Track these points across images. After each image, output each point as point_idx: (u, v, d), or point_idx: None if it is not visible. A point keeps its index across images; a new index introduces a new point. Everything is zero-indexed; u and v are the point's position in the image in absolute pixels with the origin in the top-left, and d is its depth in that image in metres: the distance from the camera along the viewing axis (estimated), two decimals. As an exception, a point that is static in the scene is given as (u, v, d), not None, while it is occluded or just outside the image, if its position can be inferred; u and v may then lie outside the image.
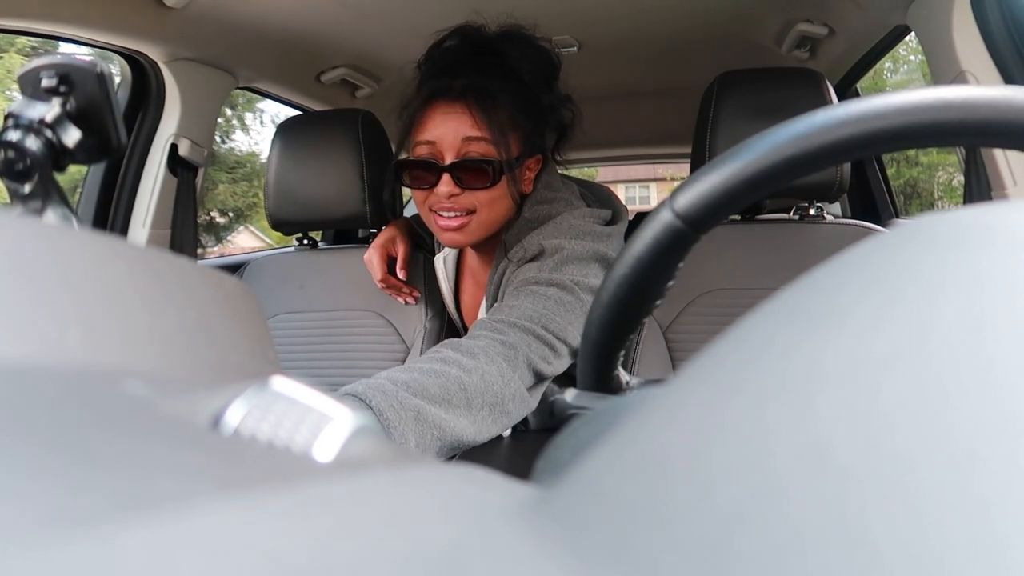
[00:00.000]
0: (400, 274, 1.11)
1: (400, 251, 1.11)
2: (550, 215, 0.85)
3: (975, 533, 0.07)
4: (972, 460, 0.08)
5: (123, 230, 1.34)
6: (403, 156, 0.88)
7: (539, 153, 0.89)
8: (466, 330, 1.08)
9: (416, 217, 1.10)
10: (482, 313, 0.93)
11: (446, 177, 0.81)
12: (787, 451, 0.09)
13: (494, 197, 0.83)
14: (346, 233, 2.12)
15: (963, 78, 1.04)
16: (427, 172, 0.83)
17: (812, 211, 1.09)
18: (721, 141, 1.01)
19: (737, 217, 1.13)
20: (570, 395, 0.37)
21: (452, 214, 0.83)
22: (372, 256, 1.10)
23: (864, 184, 1.80)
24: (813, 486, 0.08)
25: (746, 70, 1.06)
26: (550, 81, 0.89)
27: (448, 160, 0.82)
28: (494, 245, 0.89)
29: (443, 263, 1.06)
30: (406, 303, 1.15)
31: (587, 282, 0.79)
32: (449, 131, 0.81)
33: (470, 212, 0.83)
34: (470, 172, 0.82)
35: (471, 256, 1.02)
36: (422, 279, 1.17)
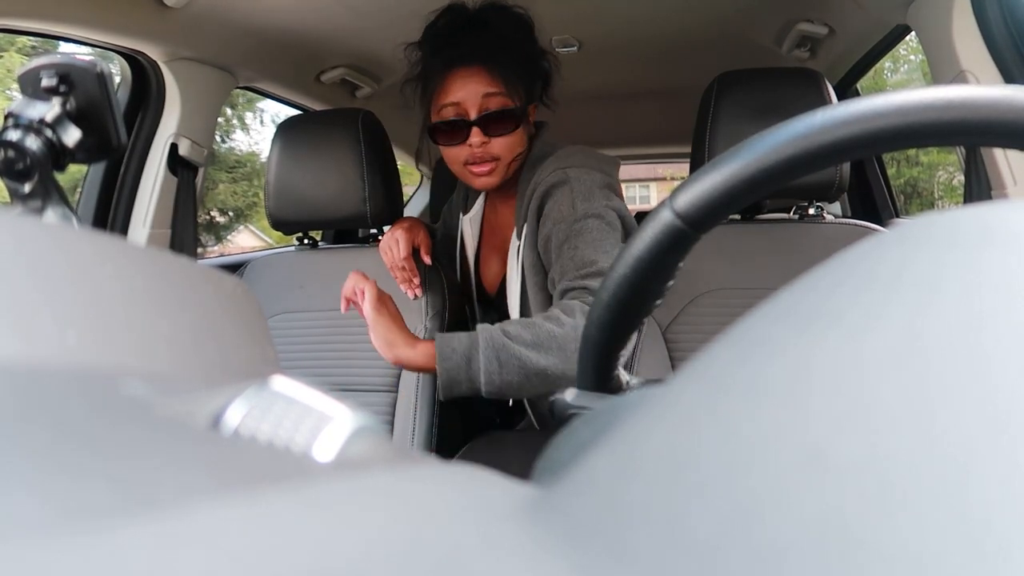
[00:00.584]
0: (426, 259, 1.13)
1: (424, 240, 1.15)
2: (554, 149, 1.03)
3: (971, 533, 0.07)
4: (968, 459, 0.08)
5: (123, 230, 1.34)
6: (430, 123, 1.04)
7: (535, 100, 1.06)
8: (480, 292, 1.20)
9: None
10: (514, 241, 1.06)
11: (475, 130, 0.97)
12: (785, 451, 0.09)
13: (513, 142, 1.00)
14: (346, 233, 2.12)
15: (963, 78, 1.04)
16: (458, 129, 0.98)
17: (812, 211, 1.09)
18: (721, 141, 1.01)
19: (737, 217, 1.13)
20: (570, 395, 0.37)
21: (484, 164, 1.00)
22: (398, 236, 1.12)
23: (864, 184, 1.80)
24: (810, 486, 0.08)
25: (746, 70, 1.06)
26: (531, 38, 1.05)
27: (473, 115, 0.97)
28: (513, 187, 1.07)
29: (469, 223, 1.19)
30: (413, 296, 1.15)
31: (612, 205, 0.95)
32: (471, 91, 0.96)
33: (495, 159, 1.00)
34: (494, 122, 0.97)
35: (493, 212, 1.17)
36: (425, 280, 1.17)
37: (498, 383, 0.83)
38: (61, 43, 1.21)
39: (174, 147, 1.34)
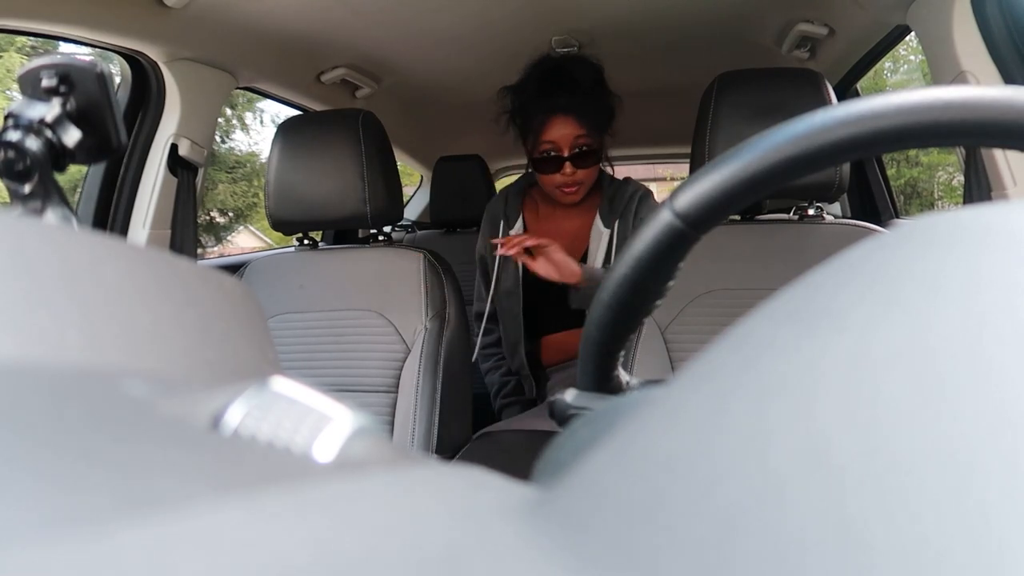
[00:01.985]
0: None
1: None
2: (616, 176, 1.43)
3: (973, 534, 0.07)
4: (971, 461, 0.08)
5: (123, 230, 1.34)
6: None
7: (606, 132, 1.35)
8: (532, 289, 1.37)
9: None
10: (602, 229, 1.36)
11: (567, 164, 1.28)
12: (786, 452, 0.09)
13: (594, 171, 1.33)
14: (346, 233, 2.12)
15: (963, 78, 1.04)
16: (553, 162, 1.29)
17: (812, 211, 1.09)
18: (721, 141, 1.01)
19: (737, 217, 1.13)
20: (570, 395, 0.37)
21: (572, 188, 1.31)
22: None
23: (864, 184, 1.80)
24: (812, 487, 0.08)
25: (746, 70, 1.06)
26: (603, 83, 1.34)
27: (566, 153, 1.28)
28: (585, 202, 1.39)
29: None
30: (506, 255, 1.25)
31: None
32: (565, 134, 1.27)
33: (580, 183, 1.31)
34: (581, 158, 1.28)
35: (548, 219, 1.44)
36: (424, 280, 1.17)
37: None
38: (61, 43, 1.21)
39: (174, 147, 1.34)
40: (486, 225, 1.48)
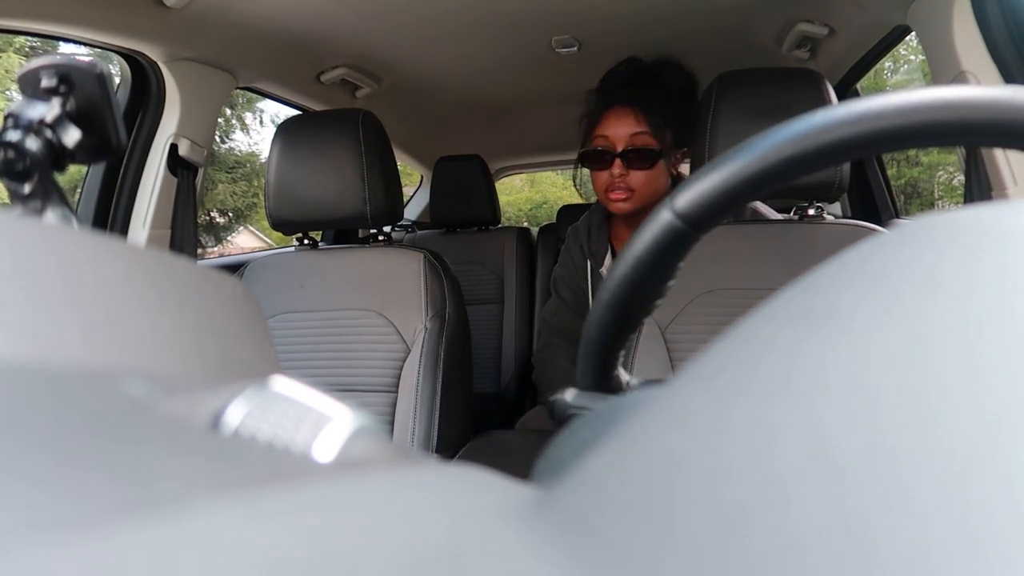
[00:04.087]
0: None
1: None
2: None
3: (974, 534, 0.07)
4: (972, 461, 0.08)
5: (123, 230, 1.34)
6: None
7: (686, 147, 1.20)
8: None
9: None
10: None
11: (617, 162, 1.15)
12: (788, 452, 0.09)
13: (650, 178, 1.16)
14: (346, 233, 2.12)
15: (963, 78, 1.04)
16: (603, 158, 1.17)
17: (812, 211, 1.09)
18: (721, 141, 1.01)
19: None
20: (570, 395, 0.37)
21: (620, 192, 1.17)
22: None
23: (864, 184, 1.80)
24: (814, 487, 0.08)
25: (746, 70, 1.06)
26: (692, 90, 1.22)
27: (619, 149, 1.15)
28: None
29: (607, 271, 1.35)
30: None
31: None
32: (620, 128, 1.15)
33: (631, 190, 1.17)
34: (635, 157, 1.15)
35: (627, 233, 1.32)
36: (424, 280, 1.17)
37: None
38: (61, 43, 1.21)
39: (174, 147, 1.34)
40: (567, 257, 1.38)
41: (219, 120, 1.51)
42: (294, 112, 1.73)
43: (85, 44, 1.18)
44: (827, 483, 0.08)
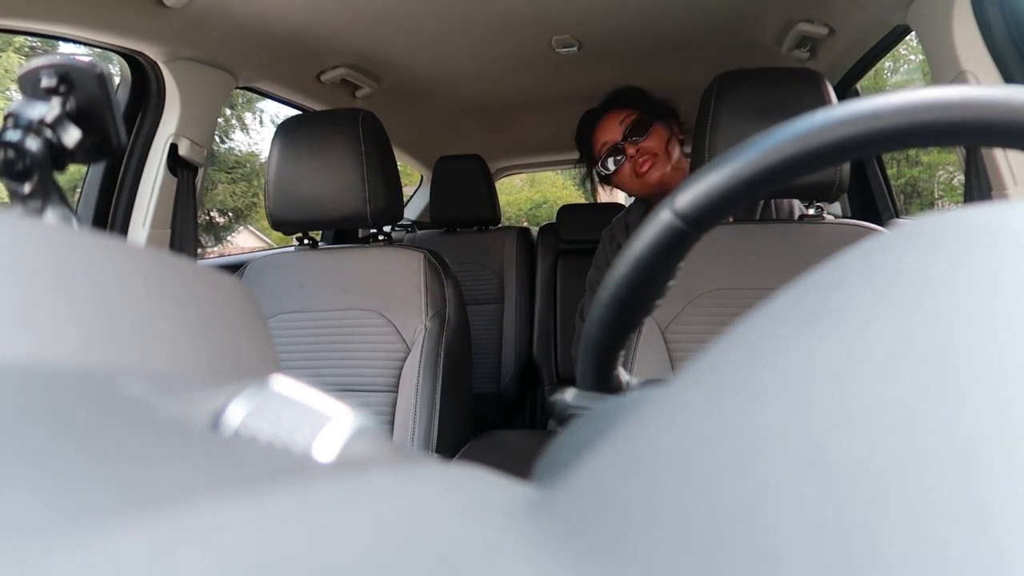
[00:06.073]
0: None
1: None
2: None
3: (975, 533, 0.07)
4: (970, 460, 0.08)
5: (123, 230, 1.33)
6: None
7: (671, 119, 1.36)
8: None
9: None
10: None
11: (626, 145, 1.30)
12: (785, 452, 0.09)
13: (658, 139, 1.31)
14: (346, 233, 2.12)
15: (963, 78, 1.04)
16: (615, 155, 1.32)
17: (812, 211, 1.09)
18: (721, 141, 1.01)
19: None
20: (570, 395, 0.37)
21: (646, 161, 1.30)
22: None
23: (864, 184, 1.80)
24: (811, 486, 0.08)
25: (746, 70, 1.06)
26: (667, 99, 1.39)
27: (620, 138, 1.31)
28: None
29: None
30: None
31: None
32: (612, 125, 1.32)
33: (652, 155, 1.30)
34: (634, 131, 1.30)
35: None
36: (424, 280, 1.17)
37: None
38: (61, 43, 1.21)
39: (174, 147, 1.34)
40: (603, 259, 1.45)
41: (219, 120, 1.51)
42: (294, 112, 1.73)
43: (85, 44, 1.18)
44: (822, 482, 0.08)
